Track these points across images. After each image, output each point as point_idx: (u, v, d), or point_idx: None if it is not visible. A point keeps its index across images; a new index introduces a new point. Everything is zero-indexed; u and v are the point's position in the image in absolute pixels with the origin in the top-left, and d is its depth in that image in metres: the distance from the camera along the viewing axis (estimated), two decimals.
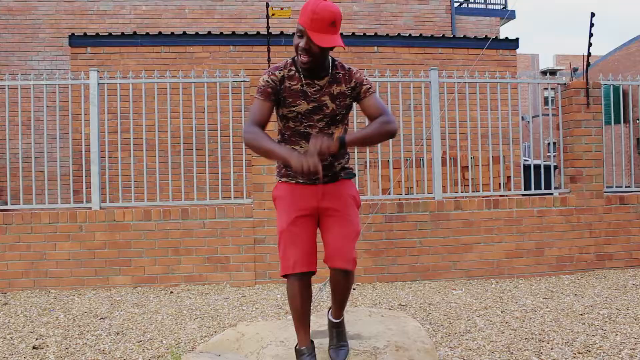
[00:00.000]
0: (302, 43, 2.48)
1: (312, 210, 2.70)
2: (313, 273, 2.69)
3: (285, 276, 2.69)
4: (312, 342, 2.81)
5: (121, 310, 4.86)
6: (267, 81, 2.60)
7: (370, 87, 2.67)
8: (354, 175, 2.85)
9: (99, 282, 5.77)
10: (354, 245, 2.67)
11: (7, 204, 6.16)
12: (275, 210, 2.77)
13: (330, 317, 2.93)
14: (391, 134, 2.59)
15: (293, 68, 2.64)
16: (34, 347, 3.82)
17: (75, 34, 9.54)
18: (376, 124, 2.57)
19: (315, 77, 2.63)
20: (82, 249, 5.75)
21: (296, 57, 2.60)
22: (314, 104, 2.64)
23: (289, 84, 2.62)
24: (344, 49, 3.17)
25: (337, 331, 2.91)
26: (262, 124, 2.57)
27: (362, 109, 2.69)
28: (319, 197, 2.69)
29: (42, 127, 10.87)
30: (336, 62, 2.69)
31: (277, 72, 2.62)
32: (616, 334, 3.90)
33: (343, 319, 2.94)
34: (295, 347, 2.83)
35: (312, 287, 2.80)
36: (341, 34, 8.98)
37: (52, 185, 9.89)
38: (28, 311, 4.88)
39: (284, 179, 2.77)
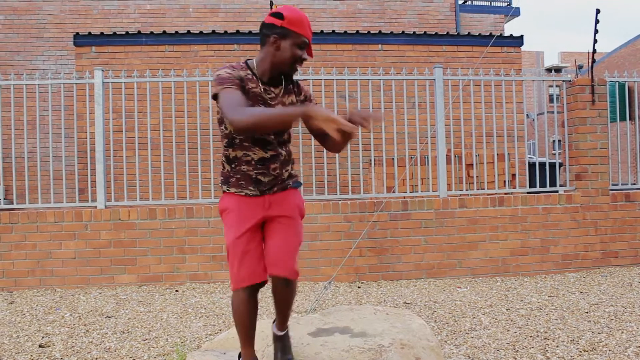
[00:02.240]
0: (305, 55, 2.51)
1: (259, 220, 2.63)
2: (265, 283, 2.65)
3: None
4: (256, 357, 2.76)
5: (126, 309, 4.87)
6: (230, 74, 2.44)
7: (316, 104, 2.60)
8: (301, 184, 2.80)
9: (104, 280, 5.78)
10: (295, 255, 2.63)
11: (13, 203, 6.18)
12: (223, 223, 2.69)
13: (274, 330, 2.84)
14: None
15: (249, 71, 2.54)
16: (40, 346, 3.84)
17: (80, 34, 9.55)
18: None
19: (271, 84, 2.57)
20: (88, 248, 5.77)
21: (253, 62, 2.56)
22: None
23: (250, 85, 2.51)
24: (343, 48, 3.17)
25: (282, 345, 2.81)
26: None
27: (309, 125, 2.39)
28: (266, 207, 2.63)
29: (48, 126, 10.91)
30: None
31: (234, 71, 2.48)
32: (622, 332, 3.88)
33: (287, 332, 2.85)
34: None
35: (316, 285, 2.79)
36: (345, 32, 8.89)
37: (58, 185, 9.93)
38: (34, 310, 4.90)
39: (232, 190, 2.62)
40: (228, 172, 2.63)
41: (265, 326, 3.30)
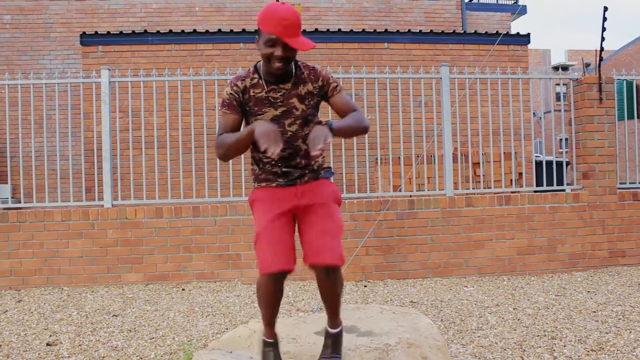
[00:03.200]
0: (278, 52, 2.40)
1: (291, 208, 2.62)
2: (291, 271, 2.60)
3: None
4: (277, 335, 2.77)
5: (133, 308, 4.89)
6: (231, 94, 2.55)
7: (337, 85, 2.64)
8: (333, 173, 2.79)
9: (111, 279, 5.80)
10: (337, 240, 2.57)
11: (20, 202, 6.21)
12: (253, 214, 2.70)
13: (327, 327, 2.78)
14: (367, 128, 2.65)
15: (256, 76, 2.56)
16: (47, 344, 3.86)
17: (87, 33, 9.59)
18: (356, 118, 2.58)
19: (280, 82, 2.56)
20: (95, 247, 5.79)
21: (260, 65, 2.57)
22: (283, 108, 2.57)
23: (254, 92, 2.56)
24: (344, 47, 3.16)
25: (333, 341, 2.77)
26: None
27: (333, 107, 2.65)
28: (299, 196, 2.62)
29: (55, 125, 10.95)
30: (299, 63, 2.61)
31: (239, 83, 2.56)
32: (630, 332, 3.86)
33: (341, 330, 2.79)
34: (263, 338, 2.78)
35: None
36: (351, 30, 8.90)
37: (65, 183, 9.96)
38: (42, 308, 4.92)
39: (262, 184, 2.68)
40: (257, 172, 2.70)
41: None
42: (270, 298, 2.63)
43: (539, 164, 9.65)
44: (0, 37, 12.44)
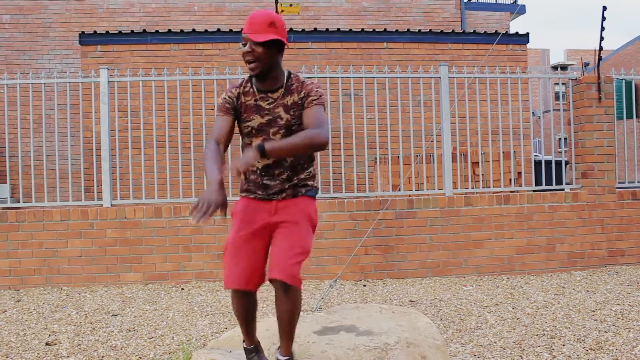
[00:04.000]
0: (246, 47, 2.52)
1: (263, 226, 2.62)
2: (251, 292, 2.62)
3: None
4: (258, 342, 2.81)
5: (132, 307, 4.89)
6: (225, 98, 2.66)
7: (316, 99, 2.58)
8: (316, 192, 2.75)
9: (110, 279, 5.80)
10: (295, 259, 2.51)
11: (19, 202, 6.21)
12: None
13: (277, 355, 2.69)
14: (318, 146, 2.48)
15: (249, 84, 2.66)
16: (46, 344, 3.86)
17: (86, 33, 9.58)
18: (303, 133, 2.48)
19: (269, 91, 2.62)
20: (94, 246, 5.79)
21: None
22: (269, 117, 2.60)
23: (245, 99, 2.64)
24: (342, 46, 3.16)
25: None
26: (221, 140, 2.59)
27: (302, 118, 2.60)
28: (272, 213, 2.63)
29: (54, 125, 10.95)
30: (292, 75, 2.66)
31: (233, 90, 2.67)
32: (629, 331, 3.87)
33: (292, 357, 2.70)
34: (243, 346, 2.80)
35: (322, 283, 2.76)
36: (350, 30, 8.86)
37: (64, 183, 9.96)
38: (41, 308, 4.92)
39: (244, 194, 2.73)
40: (242, 182, 2.74)
41: (271, 325, 3.31)
42: (239, 311, 2.66)
43: (538, 164, 9.65)
44: (0, 36, 12.44)
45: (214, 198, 2.32)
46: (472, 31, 10.76)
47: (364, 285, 5.67)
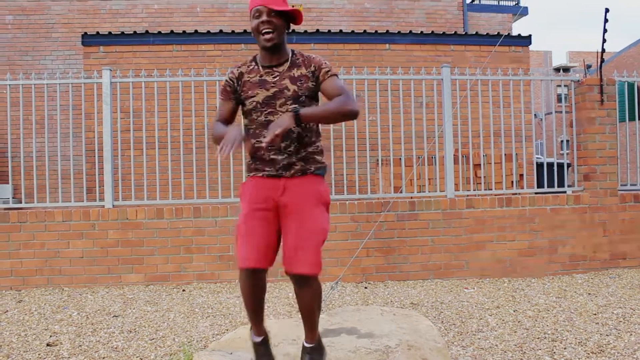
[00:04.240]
0: (263, 17, 2.54)
1: (271, 205, 2.58)
2: (264, 270, 2.55)
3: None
4: (266, 333, 2.73)
5: (134, 308, 4.89)
6: (226, 81, 2.74)
7: (329, 70, 2.62)
8: (325, 171, 2.70)
9: (111, 280, 5.80)
10: (315, 245, 2.49)
11: (21, 202, 6.21)
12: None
13: (303, 341, 2.71)
14: (351, 114, 2.53)
15: (253, 63, 2.71)
16: (47, 344, 3.86)
17: (88, 33, 9.58)
18: (336, 101, 2.52)
19: (274, 66, 2.64)
20: (95, 247, 5.79)
21: (258, 55, 2.70)
22: (275, 89, 2.61)
23: (248, 77, 2.68)
24: (347, 47, 3.16)
25: (310, 357, 2.67)
26: (224, 122, 2.70)
27: (323, 93, 2.64)
28: (280, 192, 2.58)
29: (56, 125, 10.95)
30: (295, 52, 2.70)
31: (235, 70, 2.74)
32: (630, 334, 3.86)
33: (319, 344, 2.70)
34: (252, 339, 2.73)
35: (323, 285, 2.76)
36: (352, 31, 8.84)
37: (66, 184, 9.96)
38: (42, 308, 4.93)
39: (251, 174, 2.69)
40: (249, 162, 2.71)
41: (272, 326, 3.31)
42: (248, 292, 2.58)
43: (540, 166, 9.64)
44: (2, 37, 12.46)
45: (238, 133, 2.45)
46: (474, 33, 10.75)
47: (365, 288, 5.66)
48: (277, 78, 2.61)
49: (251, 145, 2.63)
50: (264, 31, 2.54)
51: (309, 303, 2.58)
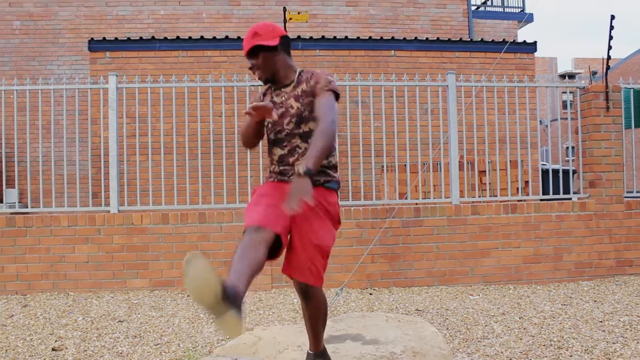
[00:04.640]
0: (250, 61, 2.72)
1: (283, 200, 2.47)
2: (270, 232, 2.35)
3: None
4: (237, 288, 2.20)
5: (139, 313, 4.89)
6: (257, 97, 2.92)
7: (325, 86, 2.62)
8: (336, 185, 2.69)
9: (116, 285, 5.81)
10: (311, 258, 2.51)
11: (27, 207, 6.23)
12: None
13: (308, 350, 2.80)
14: (332, 137, 2.47)
15: (269, 84, 2.84)
16: (53, 349, 3.86)
17: (95, 39, 9.64)
18: (317, 136, 2.43)
19: (283, 87, 2.77)
20: (101, 252, 5.80)
21: None
22: (282, 109, 2.72)
23: (265, 100, 2.83)
24: (354, 53, 3.17)
25: None
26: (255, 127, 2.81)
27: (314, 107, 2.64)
28: None
29: (62, 130, 11.00)
30: (304, 70, 2.79)
31: (260, 89, 3.01)
32: (637, 342, 3.84)
33: (322, 353, 2.75)
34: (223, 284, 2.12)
35: (328, 292, 2.76)
36: (358, 37, 8.84)
37: (72, 189, 10.01)
38: (47, 313, 4.93)
39: (266, 180, 2.83)
40: (266, 174, 2.86)
41: (277, 332, 3.31)
42: (243, 246, 2.29)
43: (545, 173, 9.62)
44: (10, 42, 12.54)
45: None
46: (479, 39, 10.76)
47: (370, 294, 5.65)
48: (284, 98, 2.74)
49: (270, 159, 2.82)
50: (253, 73, 2.74)
51: (313, 315, 2.67)
